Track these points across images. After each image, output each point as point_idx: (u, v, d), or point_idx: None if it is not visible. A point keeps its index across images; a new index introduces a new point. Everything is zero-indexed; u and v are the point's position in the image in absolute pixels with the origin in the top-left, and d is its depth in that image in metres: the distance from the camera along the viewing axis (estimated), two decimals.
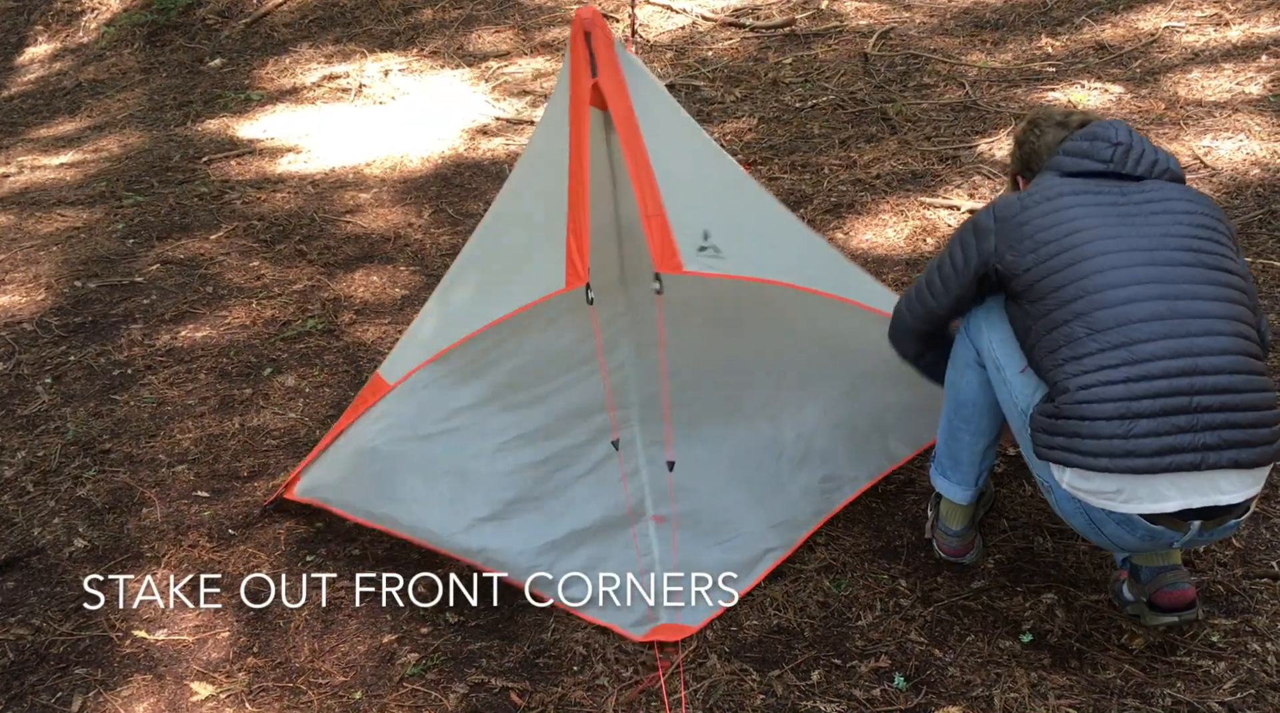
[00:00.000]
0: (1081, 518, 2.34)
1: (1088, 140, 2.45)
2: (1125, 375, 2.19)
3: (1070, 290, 2.27)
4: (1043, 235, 2.33)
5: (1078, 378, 2.23)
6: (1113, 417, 2.19)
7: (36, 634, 2.86)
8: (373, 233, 5.20)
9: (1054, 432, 2.27)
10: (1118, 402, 2.19)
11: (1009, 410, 2.50)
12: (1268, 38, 5.65)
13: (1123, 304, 2.23)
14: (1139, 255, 2.28)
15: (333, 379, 3.97)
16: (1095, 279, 2.25)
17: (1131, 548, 2.37)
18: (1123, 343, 2.20)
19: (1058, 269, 2.29)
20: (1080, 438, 2.22)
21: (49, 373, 4.14)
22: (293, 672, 2.69)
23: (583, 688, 2.57)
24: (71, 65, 8.65)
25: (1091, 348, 2.22)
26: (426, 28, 7.87)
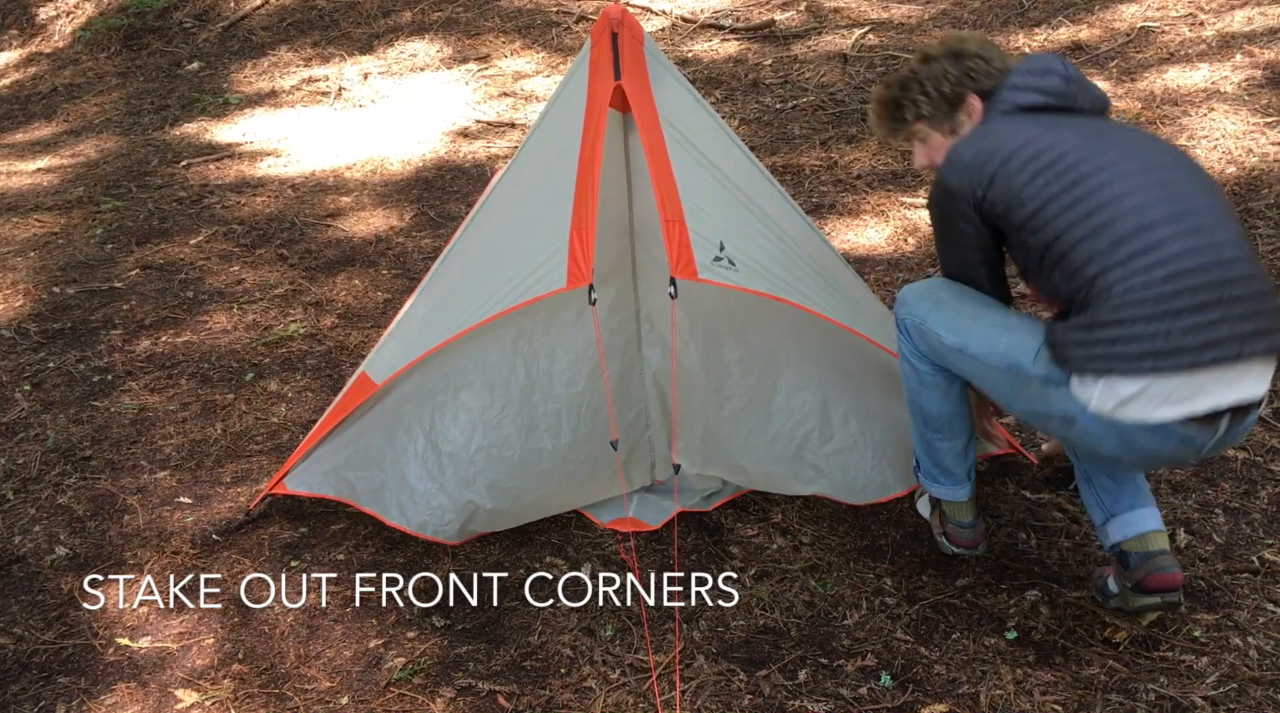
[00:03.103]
0: (1112, 439, 2.25)
1: (1037, 75, 2.41)
2: (1161, 275, 2.13)
3: (1083, 207, 2.21)
4: (1033, 166, 2.27)
5: (1114, 286, 2.15)
6: (1153, 317, 2.12)
7: (18, 643, 2.84)
8: (354, 236, 5.18)
9: (1091, 343, 2.18)
10: (1157, 301, 2.12)
11: (989, 381, 2.45)
12: (1242, 36, 5.70)
13: (1140, 210, 2.18)
14: (1134, 163, 2.25)
15: (315, 383, 3.95)
16: (1106, 191, 2.21)
17: (1158, 462, 2.36)
18: (1151, 246, 2.15)
19: (1062, 191, 2.23)
20: (1123, 343, 2.14)
21: (28, 380, 4.10)
22: (278, 678, 2.68)
23: (570, 690, 2.57)
24: (46, 70, 8.58)
25: (1122, 255, 2.16)
26: (406, 30, 7.85)
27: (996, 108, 2.42)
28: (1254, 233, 4.18)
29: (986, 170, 2.30)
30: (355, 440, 3.03)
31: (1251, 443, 3.16)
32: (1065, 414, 2.29)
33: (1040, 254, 2.27)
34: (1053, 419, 2.35)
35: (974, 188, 2.32)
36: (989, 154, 2.32)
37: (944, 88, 2.48)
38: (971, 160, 2.34)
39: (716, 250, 2.57)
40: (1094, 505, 2.56)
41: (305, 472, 3.10)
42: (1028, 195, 2.25)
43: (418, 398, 2.92)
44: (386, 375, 2.89)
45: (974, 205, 2.34)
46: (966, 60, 2.47)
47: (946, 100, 2.49)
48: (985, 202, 2.32)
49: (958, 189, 2.35)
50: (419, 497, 2.95)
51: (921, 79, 2.50)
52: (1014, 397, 2.43)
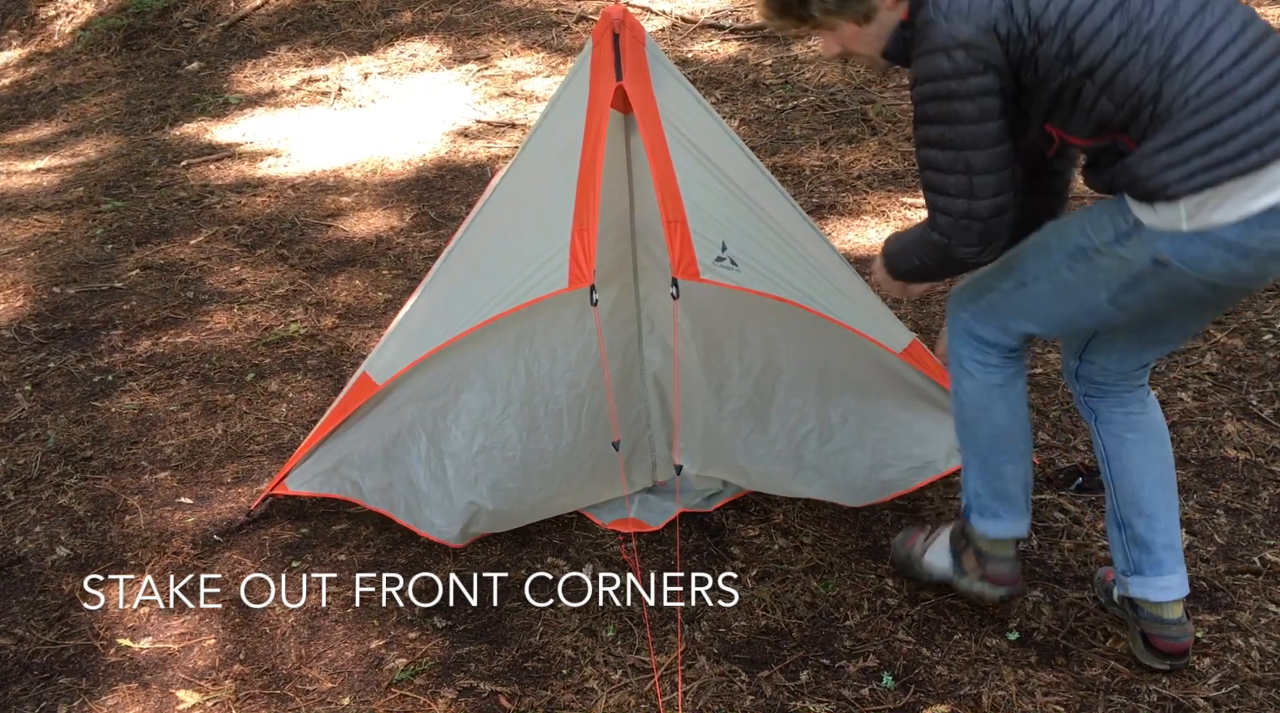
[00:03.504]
0: (1219, 258, 2.01)
1: None
2: (1228, 61, 1.95)
3: (1121, 18, 2.00)
4: (1054, 6, 2.02)
5: (1188, 90, 1.95)
6: (1239, 107, 1.93)
7: (19, 644, 2.83)
8: (354, 236, 5.18)
9: (1186, 159, 1.95)
10: (1236, 91, 1.94)
11: (1064, 296, 2.24)
12: None
13: (1189, 18, 1.99)
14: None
15: (316, 384, 3.95)
16: (1144, 10, 2.00)
17: (1264, 273, 2.08)
18: (1205, 37, 1.97)
19: (1102, 21, 2.00)
20: (1219, 146, 1.94)
21: (28, 380, 4.10)
22: (280, 678, 2.68)
23: (572, 691, 2.56)
24: (46, 70, 8.58)
25: (1183, 55, 1.96)
26: (406, 30, 7.85)
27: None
28: None
29: (998, 4, 2.03)
30: (357, 441, 3.03)
31: (1252, 443, 3.17)
32: (1154, 261, 2.06)
33: (1079, 86, 2.04)
34: (1142, 283, 2.11)
35: (992, 29, 2.02)
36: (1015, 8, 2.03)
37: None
38: (976, 8, 2.04)
39: (718, 251, 2.57)
40: (1119, 554, 2.49)
41: (306, 472, 3.10)
42: (1055, 17, 2.01)
43: (419, 399, 2.92)
44: (387, 376, 2.89)
45: (1000, 50, 2.04)
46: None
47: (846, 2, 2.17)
48: (1010, 40, 2.03)
49: (973, 40, 2.03)
50: (422, 497, 2.95)
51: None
52: (1091, 295, 2.20)
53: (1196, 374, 3.49)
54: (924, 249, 2.30)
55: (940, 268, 2.33)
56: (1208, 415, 3.30)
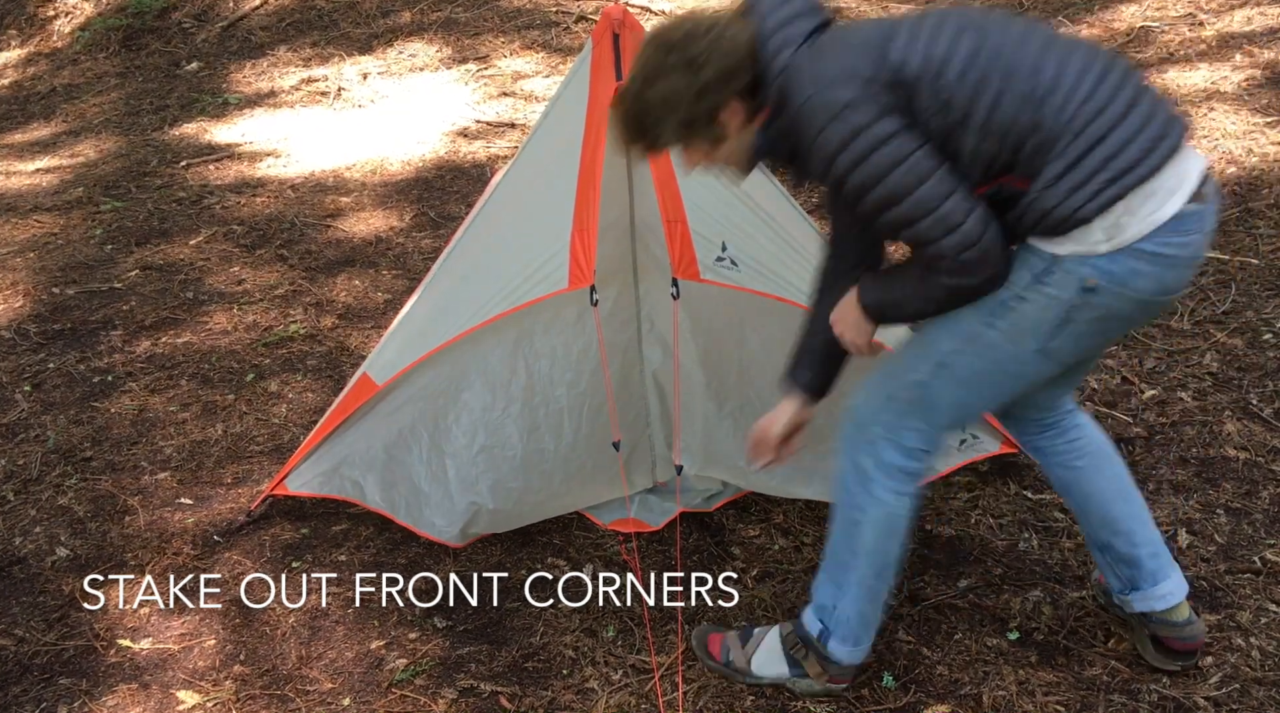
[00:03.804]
0: (1146, 271, 1.98)
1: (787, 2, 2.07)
2: (1096, 85, 1.94)
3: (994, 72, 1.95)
4: (905, 40, 1.97)
5: (1064, 114, 1.93)
6: (1118, 123, 1.93)
7: (20, 645, 2.83)
8: (354, 237, 5.18)
9: (1086, 179, 1.92)
10: (1107, 110, 1.94)
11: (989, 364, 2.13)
12: (1241, 36, 5.71)
13: (1039, 52, 1.97)
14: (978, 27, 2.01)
15: (316, 384, 3.95)
16: (998, 50, 1.96)
17: (1184, 279, 2.05)
18: (1078, 71, 1.95)
19: (963, 67, 1.95)
20: (1114, 159, 1.92)
21: (28, 381, 4.10)
22: (280, 679, 2.67)
23: (572, 691, 2.56)
24: (45, 70, 8.57)
25: (1058, 83, 1.95)
26: (405, 30, 7.85)
27: (779, 63, 2.01)
28: (1254, 232, 4.18)
29: (869, 59, 1.96)
30: (357, 441, 3.03)
31: (1253, 443, 3.16)
32: (1082, 289, 2.01)
33: (958, 134, 1.97)
34: (1073, 318, 2.04)
35: (870, 81, 1.94)
36: (858, 51, 1.98)
37: (684, 112, 2.06)
38: (846, 63, 1.97)
39: (719, 251, 2.57)
40: (1111, 575, 2.49)
41: (306, 472, 3.10)
42: (917, 69, 1.95)
43: (420, 399, 2.92)
44: (388, 376, 2.89)
45: (888, 97, 1.95)
46: (697, 67, 2.02)
47: (689, 127, 2.08)
48: (888, 91, 1.95)
49: (857, 97, 1.93)
50: (423, 497, 2.95)
51: (653, 108, 2.07)
52: (1019, 350, 2.10)
53: (1196, 374, 3.49)
54: (934, 293, 2.09)
55: (960, 304, 2.13)
56: (1208, 415, 3.30)
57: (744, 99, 2.06)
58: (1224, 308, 3.79)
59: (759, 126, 2.09)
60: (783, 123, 2.04)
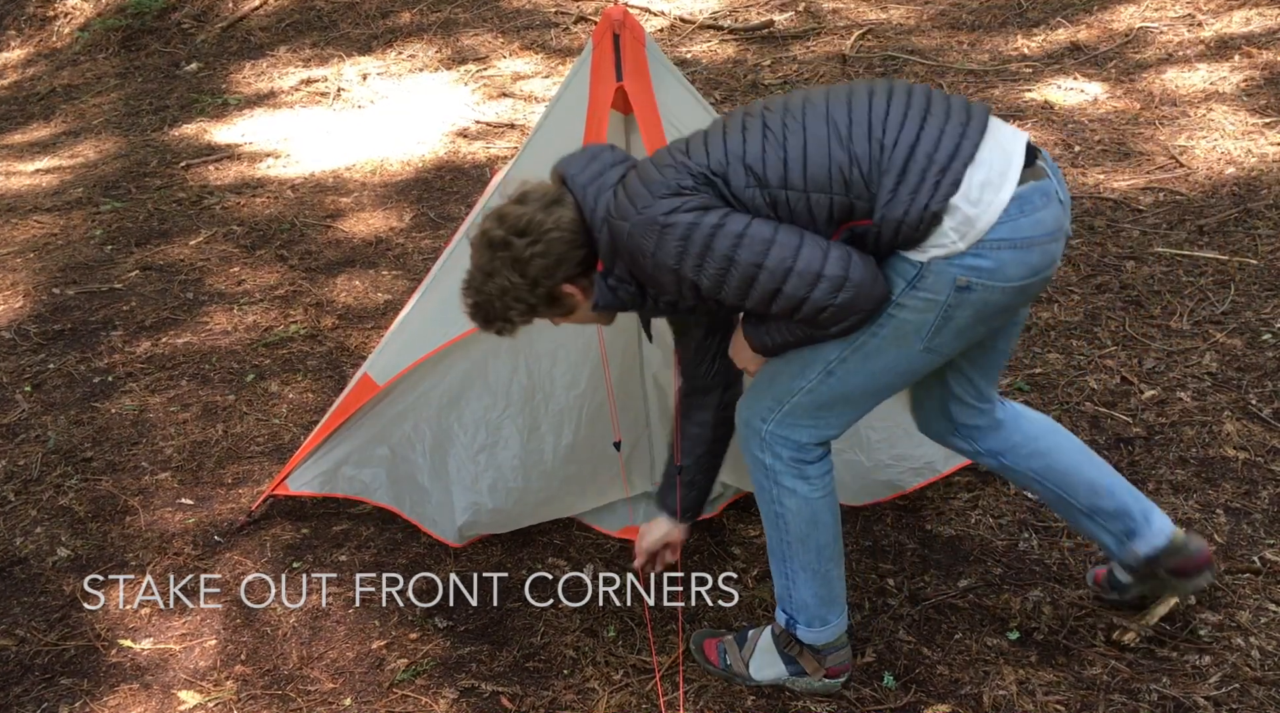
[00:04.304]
0: (1010, 258, 2.04)
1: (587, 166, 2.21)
2: (887, 109, 2.05)
3: (790, 135, 2.05)
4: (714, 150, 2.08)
5: (874, 135, 2.03)
6: (923, 124, 2.04)
7: (21, 645, 2.83)
8: (354, 237, 5.19)
9: (920, 184, 2.00)
10: (907, 125, 2.04)
11: (876, 366, 2.18)
12: (1240, 37, 5.72)
13: (823, 100, 2.09)
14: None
15: (316, 385, 3.95)
16: (787, 114, 2.08)
17: (1054, 255, 2.11)
18: (864, 101, 2.07)
19: (760, 142, 2.06)
20: (931, 156, 2.01)
21: (28, 381, 4.10)
22: (281, 679, 2.68)
23: (573, 691, 2.57)
24: (45, 70, 8.57)
25: (853, 117, 2.05)
26: (404, 31, 7.85)
27: (599, 216, 2.13)
28: (1254, 233, 4.19)
29: (674, 171, 2.07)
30: (358, 441, 3.04)
31: (1252, 443, 3.17)
32: (955, 288, 2.06)
33: (785, 198, 2.04)
34: (952, 316, 2.10)
35: (676, 190, 2.05)
36: (662, 169, 2.08)
37: (524, 301, 2.19)
38: (654, 181, 2.07)
39: None
40: (1109, 538, 2.48)
41: (307, 473, 3.10)
42: (721, 157, 2.06)
43: (421, 399, 2.92)
44: (388, 377, 2.90)
45: (697, 194, 2.05)
46: (523, 263, 2.14)
47: (534, 309, 2.22)
48: (701, 186, 2.05)
49: (666, 210, 2.04)
50: (424, 494, 2.96)
51: (495, 301, 2.20)
52: (905, 351, 2.16)
53: (1196, 374, 3.50)
54: (823, 335, 2.16)
55: (854, 330, 2.17)
56: (1207, 415, 3.30)
57: (580, 277, 2.19)
58: (1223, 308, 3.80)
59: (599, 276, 2.19)
60: (619, 266, 2.15)
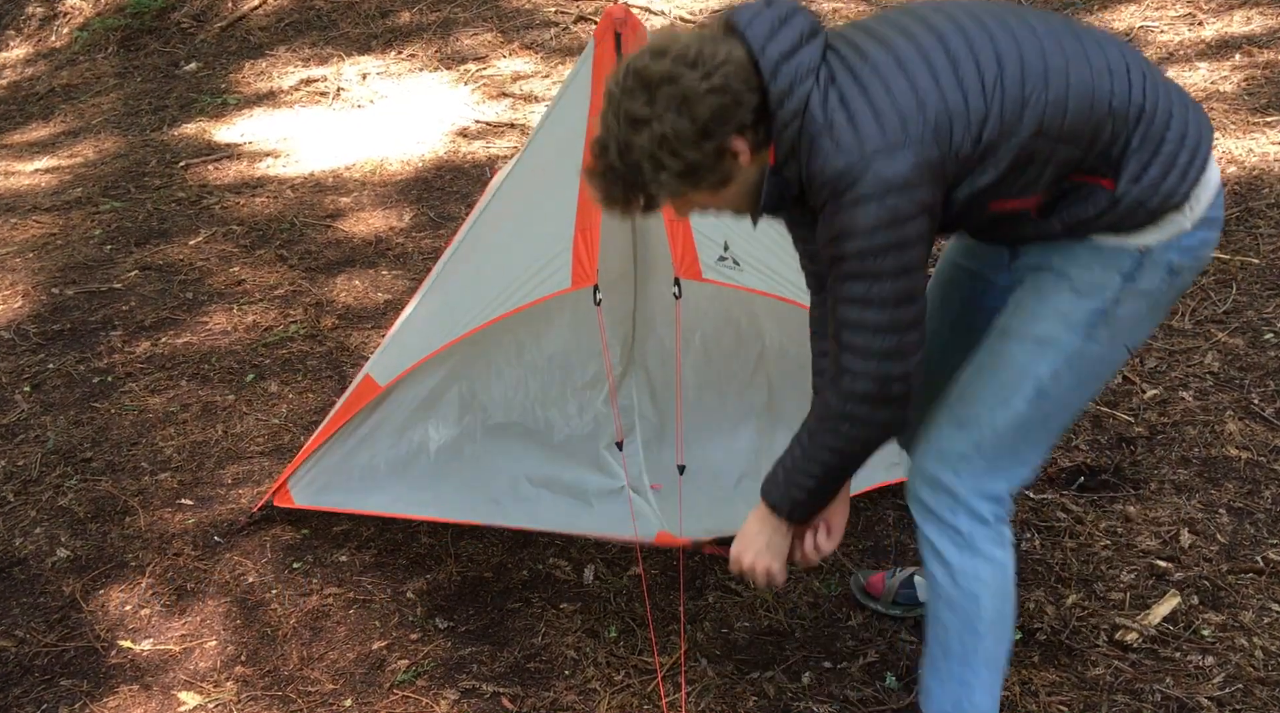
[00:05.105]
0: (1210, 238, 1.90)
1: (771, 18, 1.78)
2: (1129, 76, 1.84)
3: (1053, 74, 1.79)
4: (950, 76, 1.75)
5: (1132, 108, 1.81)
6: (1160, 97, 1.84)
7: (20, 646, 2.83)
8: (354, 237, 5.17)
9: (1171, 160, 1.80)
10: (1151, 88, 1.84)
11: (1090, 377, 1.96)
12: (1240, 37, 5.71)
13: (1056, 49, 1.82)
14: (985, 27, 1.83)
15: (316, 385, 3.94)
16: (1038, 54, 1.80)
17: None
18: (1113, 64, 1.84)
19: (1018, 81, 1.77)
20: (1186, 135, 1.83)
21: (27, 381, 4.09)
22: (281, 680, 2.67)
23: (574, 692, 2.56)
24: (44, 70, 8.56)
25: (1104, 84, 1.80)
26: (404, 31, 7.84)
27: (794, 100, 1.74)
28: (1255, 232, 4.18)
29: (927, 118, 1.72)
30: (360, 452, 3.01)
31: (1254, 442, 3.16)
32: (1169, 273, 1.88)
33: (1030, 148, 1.78)
34: (1158, 307, 1.94)
35: (926, 159, 1.72)
36: (907, 103, 1.72)
37: (685, 156, 1.74)
38: (891, 122, 1.71)
39: (721, 250, 2.57)
40: None
41: (311, 485, 3.08)
42: (982, 107, 1.75)
43: (422, 403, 2.91)
44: (390, 378, 2.89)
45: (940, 176, 1.75)
46: (693, 102, 1.70)
47: (694, 171, 1.76)
48: (949, 157, 1.75)
49: (910, 178, 1.70)
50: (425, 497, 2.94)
51: (647, 158, 1.74)
52: (1118, 356, 1.96)
53: (1198, 373, 3.49)
54: (830, 441, 1.90)
55: (853, 460, 1.94)
56: (1209, 415, 3.30)
57: (750, 131, 1.77)
58: (1225, 307, 3.79)
59: (770, 168, 1.81)
60: (800, 170, 1.78)
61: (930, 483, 2.00)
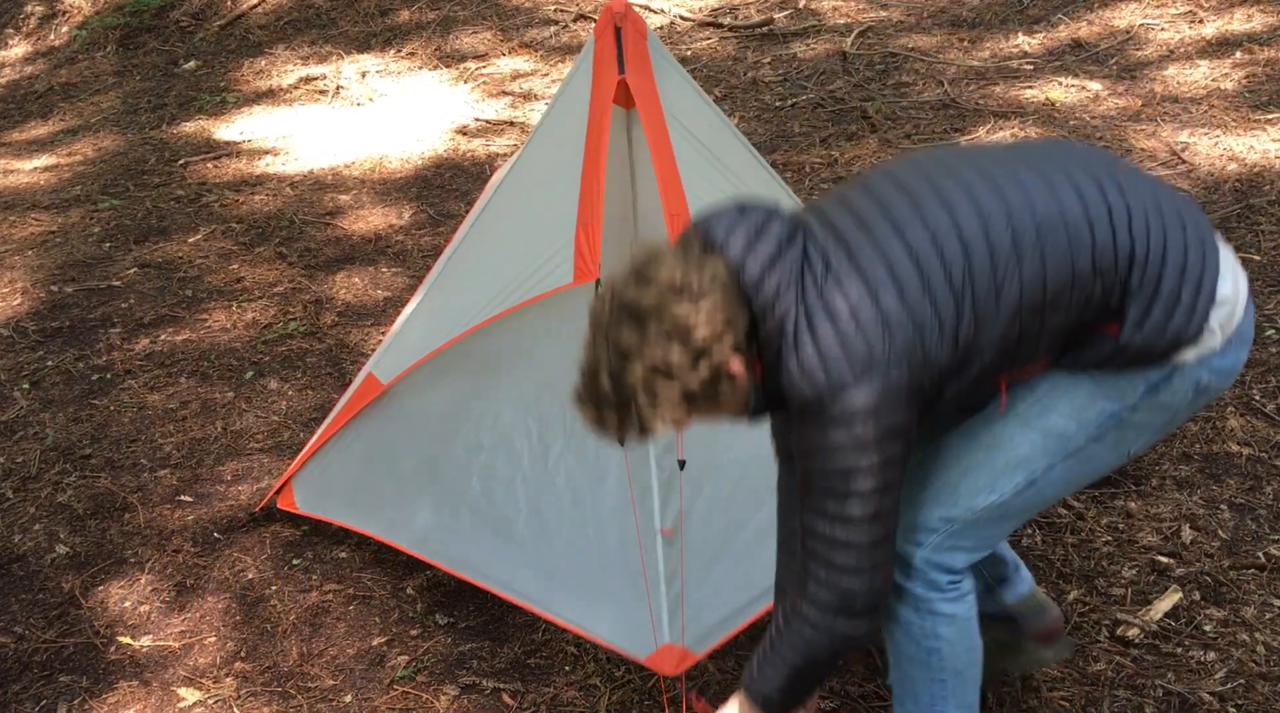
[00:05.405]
0: (1241, 356, 1.86)
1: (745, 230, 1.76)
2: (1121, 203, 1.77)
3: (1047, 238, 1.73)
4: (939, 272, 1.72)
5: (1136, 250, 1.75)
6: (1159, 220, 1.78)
7: (19, 642, 2.82)
8: (353, 234, 5.17)
9: (1176, 303, 1.75)
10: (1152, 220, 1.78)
11: (1076, 473, 1.92)
12: (1241, 34, 5.71)
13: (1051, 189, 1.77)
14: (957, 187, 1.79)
15: (316, 382, 3.94)
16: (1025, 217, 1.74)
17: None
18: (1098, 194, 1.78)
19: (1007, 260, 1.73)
20: (1186, 267, 1.76)
21: (26, 378, 4.08)
22: (281, 676, 2.66)
23: (575, 688, 2.55)
24: (44, 69, 8.55)
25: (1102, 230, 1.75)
26: (403, 29, 7.83)
27: (778, 313, 1.72)
28: (1256, 229, 4.18)
29: (895, 344, 1.69)
30: (363, 467, 2.98)
31: (1256, 439, 3.16)
32: (1195, 391, 1.84)
33: (1029, 324, 1.76)
34: (1175, 420, 1.91)
35: (905, 370, 1.69)
36: (873, 331, 1.69)
37: (676, 389, 1.70)
38: (868, 356, 1.67)
39: None
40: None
41: (314, 489, 3.06)
42: (959, 305, 1.72)
43: (423, 409, 2.88)
44: (392, 376, 2.88)
45: (918, 388, 1.72)
46: (686, 330, 1.67)
47: (691, 398, 1.73)
48: (936, 365, 1.73)
49: (883, 402, 1.68)
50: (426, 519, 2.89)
51: (642, 389, 1.70)
52: (1116, 457, 1.93)
53: None
54: (794, 642, 1.88)
55: (819, 664, 1.91)
56: (1211, 411, 3.29)
57: (744, 347, 1.74)
58: None
59: (759, 380, 1.79)
60: (781, 381, 1.74)
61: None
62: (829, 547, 1.77)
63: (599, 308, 1.76)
